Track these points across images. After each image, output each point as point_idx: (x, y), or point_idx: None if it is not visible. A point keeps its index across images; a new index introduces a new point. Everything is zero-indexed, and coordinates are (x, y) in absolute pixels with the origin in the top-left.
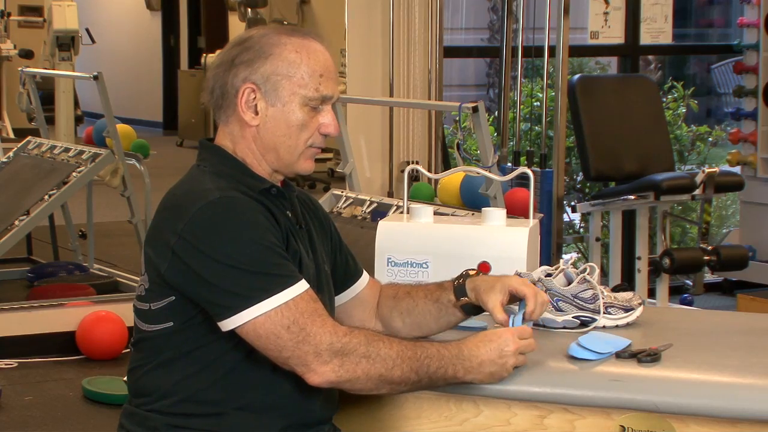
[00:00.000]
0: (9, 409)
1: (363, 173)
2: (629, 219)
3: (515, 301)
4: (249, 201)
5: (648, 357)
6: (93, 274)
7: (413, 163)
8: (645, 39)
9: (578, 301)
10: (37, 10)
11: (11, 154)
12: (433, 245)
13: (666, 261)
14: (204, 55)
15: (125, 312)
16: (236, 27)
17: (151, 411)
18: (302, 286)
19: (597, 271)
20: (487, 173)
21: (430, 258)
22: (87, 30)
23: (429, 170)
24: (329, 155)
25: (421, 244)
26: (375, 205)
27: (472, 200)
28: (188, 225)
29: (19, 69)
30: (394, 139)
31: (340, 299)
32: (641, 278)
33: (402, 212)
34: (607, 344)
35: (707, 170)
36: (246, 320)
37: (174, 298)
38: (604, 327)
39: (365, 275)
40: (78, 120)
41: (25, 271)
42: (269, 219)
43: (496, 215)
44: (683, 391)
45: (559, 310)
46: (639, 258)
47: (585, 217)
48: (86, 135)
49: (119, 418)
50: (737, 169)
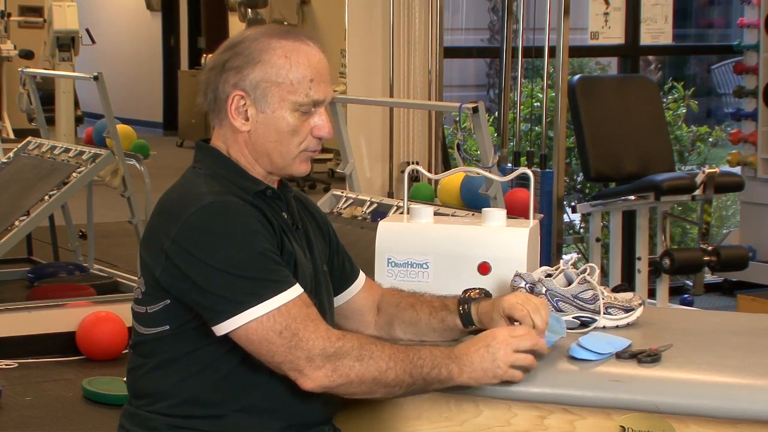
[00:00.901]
0: (9, 410)
1: (363, 174)
2: (629, 219)
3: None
4: (243, 205)
5: (648, 357)
6: (93, 275)
7: (413, 164)
8: (645, 39)
9: (578, 302)
10: (38, 11)
11: (11, 155)
12: (433, 246)
13: (666, 261)
14: (204, 56)
15: (125, 312)
16: (236, 27)
17: (152, 412)
18: (295, 291)
19: (597, 272)
20: (488, 174)
21: (430, 258)
22: (87, 30)
23: (429, 171)
24: (329, 156)
25: (421, 245)
26: (375, 206)
27: (473, 201)
28: (182, 229)
29: (20, 69)
30: (395, 140)
31: (336, 301)
32: (641, 279)
33: (402, 213)
34: (608, 345)
35: (707, 171)
36: (238, 325)
37: (169, 302)
38: (605, 327)
39: (361, 278)
40: (78, 120)
41: (26, 272)
42: (263, 223)
43: (496, 216)
44: (683, 392)
45: (559, 311)
46: (639, 258)
47: (585, 218)
48: (86, 135)
49: (119, 419)
50: (737, 170)
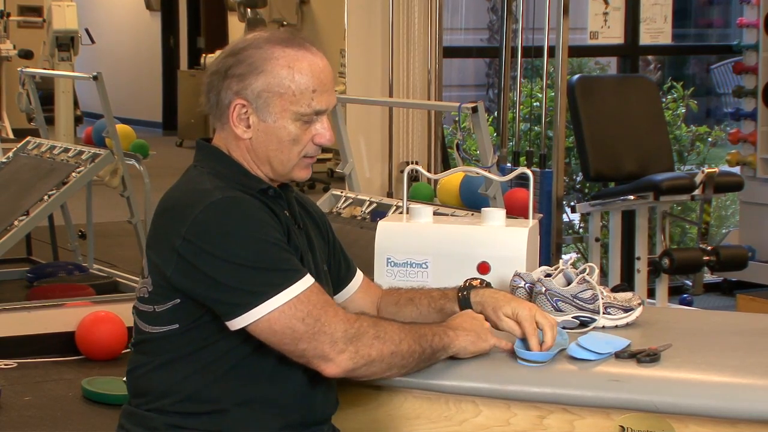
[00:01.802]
0: (8, 410)
1: (362, 173)
2: (629, 219)
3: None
4: (250, 199)
5: (647, 357)
6: (92, 275)
7: (413, 164)
8: (644, 39)
9: (578, 302)
10: (37, 11)
11: (11, 155)
12: (433, 245)
13: (665, 261)
14: (203, 56)
15: (125, 312)
16: (236, 27)
17: (151, 410)
18: (310, 279)
19: (596, 272)
20: (487, 173)
21: (430, 258)
22: (86, 30)
23: (428, 170)
24: (329, 155)
25: (421, 245)
26: (374, 206)
27: (472, 200)
28: (192, 226)
29: (19, 69)
30: (394, 140)
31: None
32: (641, 278)
33: (401, 212)
34: (607, 344)
35: (707, 170)
36: (259, 316)
37: (179, 301)
38: (604, 327)
39: (358, 279)
40: (77, 120)
41: (25, 272)
42: (271, 216)
43: (496, 215)
44: (682, 392)
45: (559, 311)
46: (638, 258)
47: (584, 218)
48: (86, 135)
49: (119, 419)
50: (737, 170)
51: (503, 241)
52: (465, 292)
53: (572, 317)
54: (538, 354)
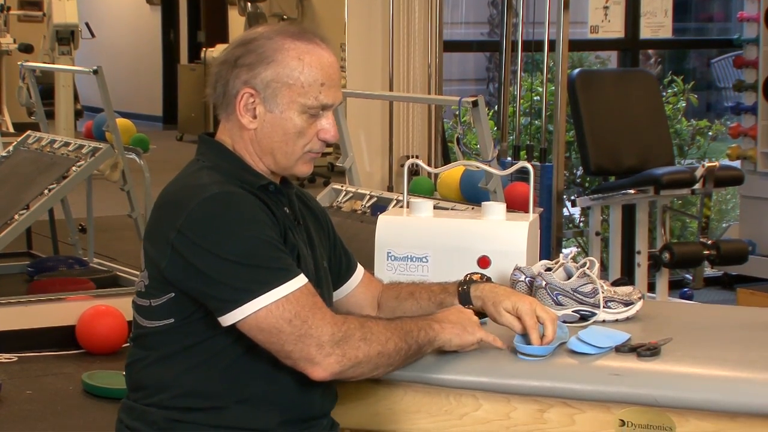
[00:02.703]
0: (9, 404)
1: (363, 167)
2: (629, 213)
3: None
4: (247, 195)
5: (647, 351)
6: (93, 269)
7: (413, 158)
8: (645, 33)
9: (578, 296)
10: (37, 4)
11: (11, 149)
12: (433, 239)
13: (666, 255)
14: (204, 50)
15: (125, 306)
16: (236, 21)
17: (150, 405)
18: (302, 280)
19: (597, 266)
20: (487, 167)
21: (430, 252)
22: (87, 24)
23: (429, 164)
24: (329, 149)
25: (421, 239)
26: (375, 200)
27: (472, 194)
28: (187, 220)
29: (19, 63)
30: (394, 134)
31: (334, 297)
32: (641, 272)
33: (402, 206)
34: (607, 338)
35: (707, 164)
36: (248, 314)
37: (173, 295)
38: (604, 321)
39: (359, 273)
40: (78, 114)
41: (25, 266)
42: (267, 213)
43: (496, 209)
44: (683, 385)
45: (559, 305)
46: (639, 252)
47: (585, 212)
48: (86, 129)
49: (118, 413)
50: (737, 164)
51: (503, 236)
52: (465, 287)
53: (572, 311)
54: (539, 348)
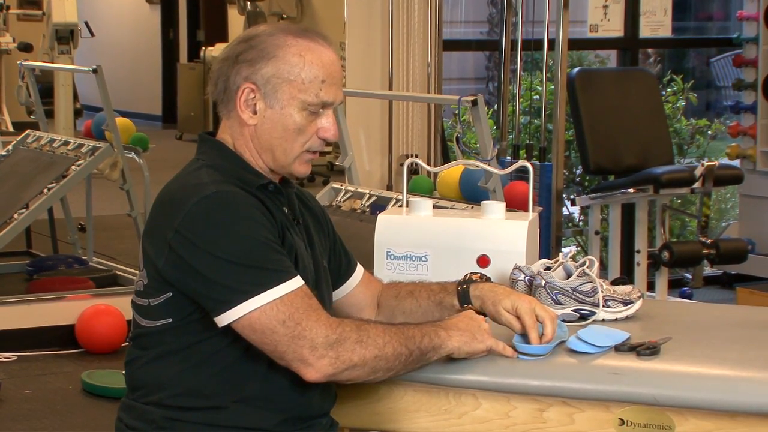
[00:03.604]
0: (8, 403)
1: (362, 166)
2: (628, 212)
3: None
4: (245, 195)
5: (647, 350)
6: (92, 268)
7: (412, 156)
8: (644, 32)
9: (577, 295)
10: (36, 3)
11: (10, 148)
12: (433, 238)
13: (665, 254)
14: (203, 49)
15: (124, 305)
16: (235, 20)
17: (149, 404)
18: (297, 282)
19: (596, 265)
20: (487, 166)
21: (430, 251)
22: (86, 23)
23: (428, 163)
24: (329, 149)
25: (421, 238)
26: (374, 199)
27: (472, 193)
28: (184, 219)
29: (19, 62)
30: (394, 133)
31: (334, 296)
32: (640, 271)
33: (401, 205)
34: (606, 337)
35: (706, 163)
36: (242, 314)
37: (171, 294)
38: (603, 320)
39: (358, 273)
40: (77, 113)
41: (25, 265)
42: (265, 214)
43: (496, 208)
44: (682, 385)
45: (558, 304)
46: (638, 251)
47: (584, 211)
48: (85, 128)
49: (117, 412)
50: (736, 163)
51: (503, 235)
52: (464, 286)
53: (572, 310)
54: (538, 347)
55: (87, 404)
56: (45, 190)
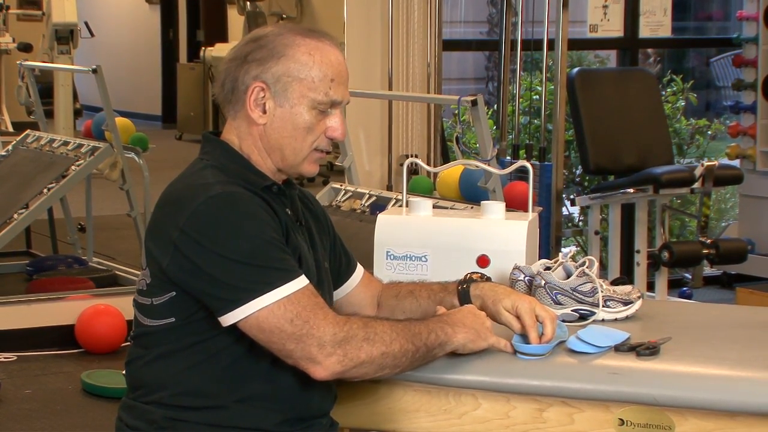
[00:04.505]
0: (8, 403)
1: (362, 166)
2: (628, 212)
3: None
4: (250, 195)
5: (647, 350)
6: (92, 268)
7: (412, 157)
8: (644, 32)
9: (577, 295)
10: (36, 3)
11: (10, 148)
12: (432, 238)
13: (665, 254)
14: (203, 49)
15: (124, 305)
16: (235, 20)
17: (149, 403)
18: (303, 281)
19: (596, 265)
20: (486, 166)
21: (429, 251)
22: (86, 23)
23: (428, 163)
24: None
25: (420, 238)
26: (374, 199)
27: (471, 193)
28: (190, 219)
29: (18, 62)
30: (393, 133)
31: (334, 296)
32: (640, 271)
33: (401, 205)
34: (606, 338)
35: (706, 163)
36: (249, 313)
37: (175, 294)
38: (603, 320)
39: (358, 273)
40: (77, 113)
41: (24, 265)
42: (270, 214)
43: (495, 208)
44: (682, 385)
45: (558, 304)
46: (638, 251)
47: (584, 211)
48: (85, 128)
49: (117, 412)
50: (736, 163)
51: (503, 235)
52: (465, 286)
53: (572, 310)
54: (537, 347)
55: (87, 404)
56: (45, 190)
